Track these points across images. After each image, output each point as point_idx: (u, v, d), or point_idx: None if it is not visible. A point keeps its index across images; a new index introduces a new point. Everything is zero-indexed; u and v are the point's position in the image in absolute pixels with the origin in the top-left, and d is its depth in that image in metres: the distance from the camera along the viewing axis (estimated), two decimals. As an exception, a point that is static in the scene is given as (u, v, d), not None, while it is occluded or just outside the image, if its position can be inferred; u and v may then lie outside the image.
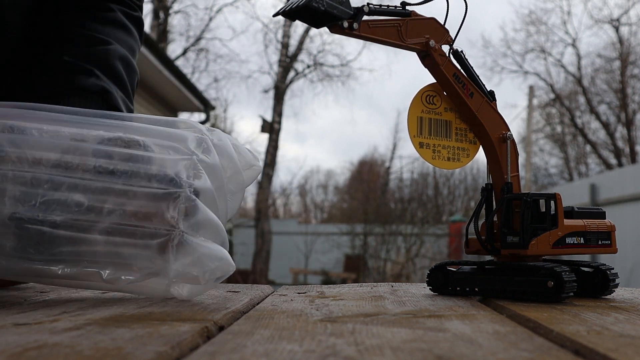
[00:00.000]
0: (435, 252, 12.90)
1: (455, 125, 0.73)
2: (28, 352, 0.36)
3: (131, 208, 0.57)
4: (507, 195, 0.69)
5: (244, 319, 0.51)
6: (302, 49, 14.18)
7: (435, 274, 0.72)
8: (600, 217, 0.72)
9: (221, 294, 0.68)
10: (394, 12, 0.66)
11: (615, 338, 0.41)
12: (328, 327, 0.46)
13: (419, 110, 0.70)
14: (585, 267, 0.70)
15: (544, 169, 21.00)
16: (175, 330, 0.43)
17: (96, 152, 0.58)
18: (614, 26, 18.83)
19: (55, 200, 0.56)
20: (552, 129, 20.68)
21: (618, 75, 18.74)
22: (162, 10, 14.93)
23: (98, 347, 0.37)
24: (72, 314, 0.53)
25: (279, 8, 0.65)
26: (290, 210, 25.78)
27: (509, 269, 0.66)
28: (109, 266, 0.58)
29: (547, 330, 0.45)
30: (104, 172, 0.57)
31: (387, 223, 12.58)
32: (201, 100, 7.99)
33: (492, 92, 0.72)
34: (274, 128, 12.14)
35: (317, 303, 0.62)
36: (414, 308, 0.57)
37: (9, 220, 0.56)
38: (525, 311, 0.55)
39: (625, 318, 0.51)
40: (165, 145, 0.60)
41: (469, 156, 0.73)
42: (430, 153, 0.71)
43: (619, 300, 0.66)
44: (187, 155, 0.59)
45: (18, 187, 0.56)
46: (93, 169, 0.58)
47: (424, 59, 0.69)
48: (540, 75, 19.76)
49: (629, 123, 18.32)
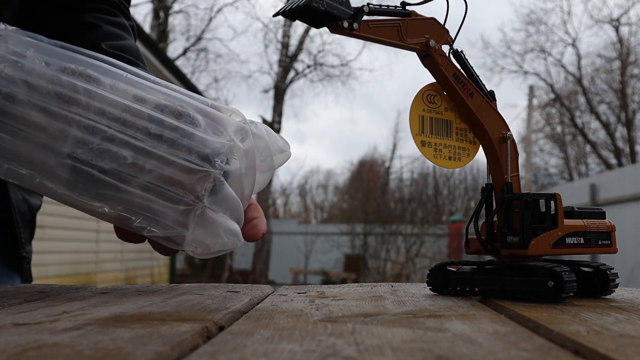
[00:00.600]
0: (435, 252, 12.90)
1: (456, 125, 0.73)
2: (28, 352, 0.36)
3: (167, 173, 0.64)
4: (507, 195, 0.69)
5: (244, 319, 0.51)
6: (302, 49, 14.18)
7: (435, 274, 0.72)
8: (600, 217, 0.72)
9: (221, 294, 0.68)
10: (394, 12, 0.66)
11: (615, 338, 0.41)
12: (328, 327, 0.46)
13: (420, 109, 0.70)
14: (585, 267, 0.70)
15: (544, 169, 21.01)
16: (175, 330, 0.43)
17: (151, 116, 0.65)
18: (613, 26, 18.84)
19: (107, 150, 0.64)
20: (552, 129, 20.69)
21: (618, 75, 18.75)
22: (162, 10, 14.93)
23: (98, 347, 0.37)
24: (72, 314, 0.53)
25: (279, 8, 0.65)
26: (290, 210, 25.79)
27: (509, 269, 0.66)
28: (140, 216, 0.66)
29: (547, 330, 0.45)
30: (153, 136, 0.64)
31: (387, 223, 12.59)
32: (201, 100, 7.98)
33: (492, 92, 0.72)
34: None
35: (317, 303, 0.62)
36: (414, 308, 0.57)
37: (67, 157, 0.64)
38: (525, 311, 0.55)
39: (625, 318, 0.51)
40: (210, 125, 0.66)
41: (469, 156, 0.73)
42: (432, 152, 0.71)
43: (619, 300, 0.66)
44: (227, 140, 0.66)
45: (81, 130, 0.64)
46: (144, 130, 0.64)
47: (424, 59, 0.69)
48: (540, 75, 19.77)
49: (629, 123, 18.32)
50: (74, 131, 0.65)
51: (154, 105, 0.66)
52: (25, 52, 0.66)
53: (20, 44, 0.67)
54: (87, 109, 0.64)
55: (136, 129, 0.64)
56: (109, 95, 0.65)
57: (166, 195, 0.64)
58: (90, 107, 0.64)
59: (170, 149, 0.64)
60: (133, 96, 0.66)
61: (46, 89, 0.64)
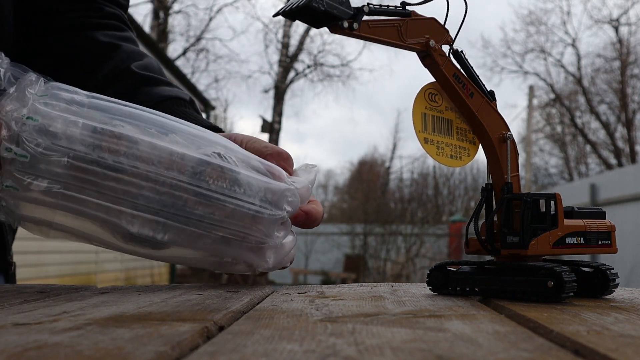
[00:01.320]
0: (435, 252, 12.90)
1: (456, 125, 0.73)
2: (28, 352, 0.36)
3: (246, 222, 0.72)
4: (507, 195, 0.69)
5: (244, 319, 0.51)
6: (303, 49, 14.19)
7: (435, 274, 0.72)
8: (600, 217, 0.72)
9: (221, 294, 0.68)
10: (394, 12, 0.66)
11: (615, 338, 0.41)
12: (328, 327, 0.46)
13: (422, 106, 0.70)
14: (585, 267, 0.70)
15: (544, 169, 21.02)
16: (175, 330, 0.43)
17: (228, 169, 0.71)
18: (613, 26, 18.84)
19: (183, 206, 0.69)
20: (552, 129, 20.69)
21: (618, 75, 18.75)
22: (162, 10, 14.93)
23: (98, 347, 0.37)
24: (72, 314, 0.53)
25: (279, 8, 0.65)
26: (290, 210, 25.68)
27: (509, 269, 0.66)
28: (224, 258, 0.75)
29: (547, 330, 0.45)
30: (228, 194, 0.71)
31: (387, 223, 12.58)
32: (201, 100, 7.99)
33: (492, 92, 0.72)
34: (274, 128, 12.14)
35: (317, 303, 0.62)
36: (414, 308, 0.57)
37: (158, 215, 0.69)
38: (525, 311, 0.55)
39: (625, 318, 0.51)
40: (274, 174, 0.75)
41: (469, 155, 0.73)
42: (434, 149, 0.71)
43: (619, 300, 0.66)
44: (288, 185, 0.75)
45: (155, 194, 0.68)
46: (225, 184, 0.71)
47: (424, 59, 0.69)
48: (540, 75, 19.77)
49: (629, 123, 18.32)
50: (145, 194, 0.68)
51: (223, 159, 0.72)
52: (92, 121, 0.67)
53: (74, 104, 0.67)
54: (170, 169, 0.68)
55: (214, 183, 0.70)
56: (176, 161, 0.68)
57: (247, 239, 0.73)
58: (174, 166, 0.68)
59: (248, 201, 0.71)
60: (196, 161, 0.69)
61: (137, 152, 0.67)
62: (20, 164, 0.64)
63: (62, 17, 0.96)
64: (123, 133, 0.67)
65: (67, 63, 0.95)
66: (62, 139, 0.65)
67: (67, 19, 0.96)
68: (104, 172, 0.66)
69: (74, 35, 0.96)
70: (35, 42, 0.96)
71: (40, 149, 0.64)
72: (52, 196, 0.66)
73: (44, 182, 0.65)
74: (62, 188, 0.66)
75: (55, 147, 0.64)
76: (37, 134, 0.64)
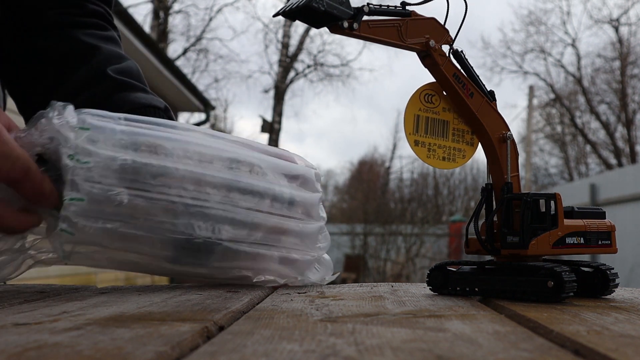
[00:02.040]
0: (435, 252, 12.89)
1: (453, 126, 0.73)
2: (28, 352, 0.36)
3: (295, 238, 0.78)
4: (507, 195, 0.69)
5: (244, 319, 0.51)
6: (303, 49, 14.19)
7: (435, 274, 0.72)
8: (600, 217, 0.72)
9: (221, 294, 0.68)
10: (394, 12, 0.66)
11: (615, 338, 0.41)
12: (328, 327, 0.46)
13: (416, 108, 0.70)
14: (585, 267, 0.70)
15: (544, 169, 21.01)
16: (175, 330, 0.43)
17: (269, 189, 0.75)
18: (613, 26, 18.84)
19: (240, 223, 0.73)
20: (552, 129, 20.69)
21: (618, 75, 18.75)
22: (162, 10, 14.93)
23: (98, 347, 0.37)
24: (72, 314, 0.53)
25: (279, 8, 0.65)
26: (290, 210, 25.66)
27: (509, 269, 0.66)
28: (266, 273, 0.80)
29: (547, 330, 0.45)
30: (279, 213, 0.76)
31: (387, 223, 12.57)
32: (201, 100, 7.99)
33: (492, 92, 0.72)
34: (274, 128, 12.15)
35: (317, 303, 0.62)
36: (414, 308, 0.57)
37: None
38: (525, 311, 0.55)
39: (625, 318, 0.51)
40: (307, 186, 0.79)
41: (464, 157, 0.73)
42: (425, 151, 0.71)
43: (619, 300, 0.66)
44: (319, 192, 0.80)
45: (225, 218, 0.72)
46: (276, 202, 0.75)
47: (424, 59, 0.69)
48: (540, 76, 19.77)
49: (629, 123, 18.32)
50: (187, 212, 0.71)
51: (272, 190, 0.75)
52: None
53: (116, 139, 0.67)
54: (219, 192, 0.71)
55: (263, 202, 0.74)
56: (219, 177, 0.71)
57: (298, 251, 0.79)
58: (221, 188, 0.71)
59: (292, 214, 0.76)
60: (249, 185, 0.73)
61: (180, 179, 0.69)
62: (75, 206, 0.63)
63: (42, 15, 0.92)
64: (181, 169, 0.68)
65: (43, 63, 0.91)
66: (115, 178, 0.64)
67: (47, 16, 0.92)
68: (162, 206, 0.67)
69: (53, 34, 0.91)
70: (11, 41, 0.91)
71: (96, 190, 0.63)
72: (107, 235, 0.66)
73: (98, 223, 0.65)
74: (118, 227, 0.66)
75: (108, 187, 0.64)
76: (89, 174, 0.63)
